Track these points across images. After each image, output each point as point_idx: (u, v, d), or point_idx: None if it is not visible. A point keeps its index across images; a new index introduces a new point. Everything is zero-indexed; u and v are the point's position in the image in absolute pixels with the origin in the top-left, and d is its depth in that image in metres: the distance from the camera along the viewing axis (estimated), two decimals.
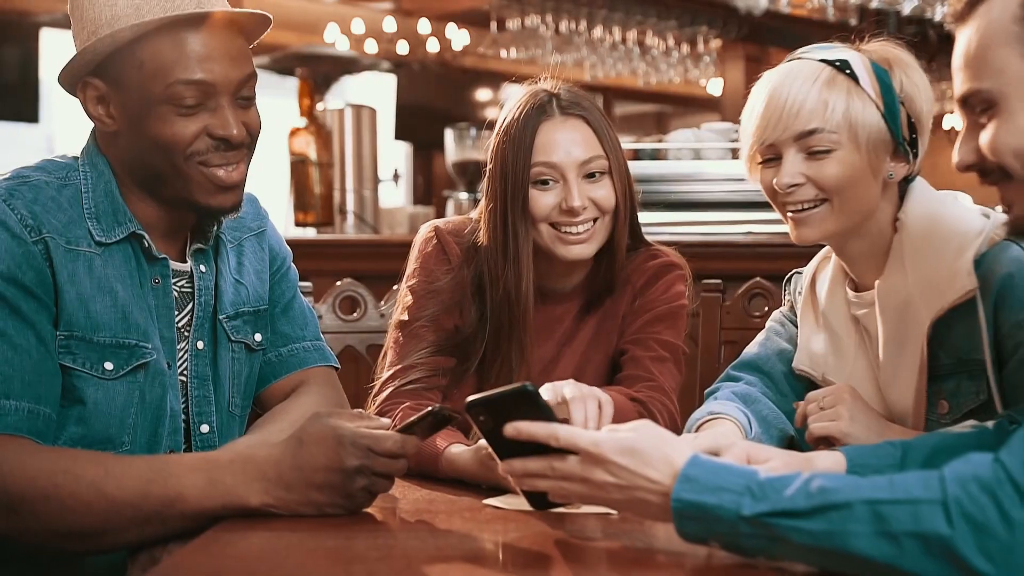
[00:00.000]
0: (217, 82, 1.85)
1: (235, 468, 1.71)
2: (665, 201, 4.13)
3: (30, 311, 1.77)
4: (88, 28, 1.85)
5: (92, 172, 1.91)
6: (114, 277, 1.87)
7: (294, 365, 2.14)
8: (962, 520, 1.23)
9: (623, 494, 1.47)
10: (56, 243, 1.82)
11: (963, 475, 1.26)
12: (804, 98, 1.87)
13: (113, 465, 1.72)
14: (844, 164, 1.88)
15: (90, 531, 1.70)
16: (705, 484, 1.38)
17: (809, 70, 1.90)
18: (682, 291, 2.33)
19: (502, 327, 2.24)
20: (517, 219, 2.20)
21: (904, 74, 1.92)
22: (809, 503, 1.31)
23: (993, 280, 1.80)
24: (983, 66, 1.45)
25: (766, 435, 2.01)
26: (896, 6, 6.09)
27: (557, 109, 2.22)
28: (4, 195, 1.81)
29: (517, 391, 1.55)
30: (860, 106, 1.88)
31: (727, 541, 1.38)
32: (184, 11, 1.82)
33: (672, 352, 2.28)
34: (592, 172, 2.21)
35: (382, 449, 1.70)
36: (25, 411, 1.74)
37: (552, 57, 8.29)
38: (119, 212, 1.90)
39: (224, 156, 1.88)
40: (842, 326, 2.04)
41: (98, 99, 1.89)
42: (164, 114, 1.84)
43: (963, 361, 1.86)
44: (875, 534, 1.26)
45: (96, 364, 1.84)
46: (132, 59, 1.83)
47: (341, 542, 1.59)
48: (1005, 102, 1.43)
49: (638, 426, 1.51)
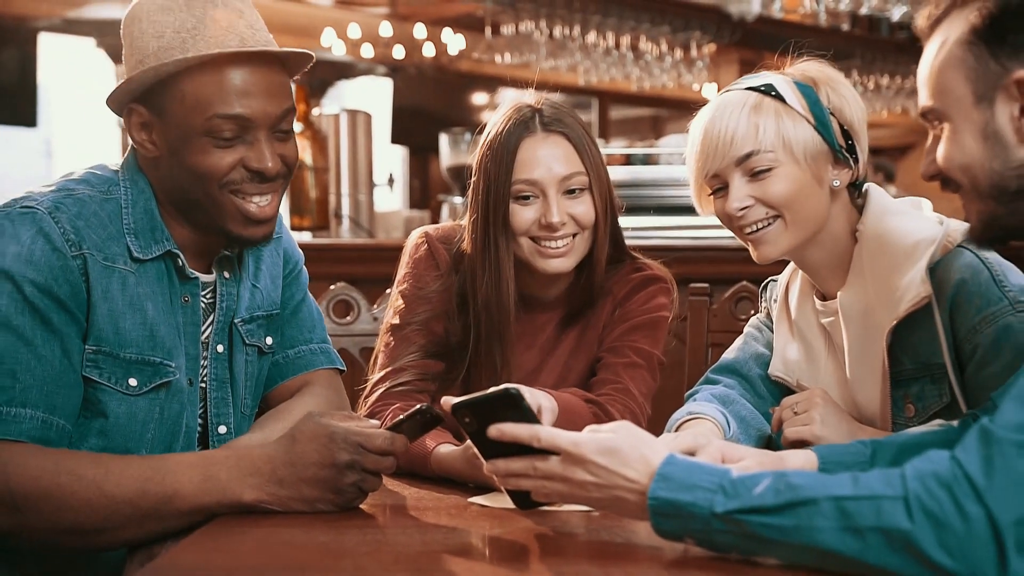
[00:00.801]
0: (255, 117, 1.88)
1: (230, 464, 1.77)
2: (656, 205, 4.17)
3: (60, 323, 1.82)
4: (136, 56, 1.89)
5: (133, 189, 1.94)
6: (145, 295, 1.91)
7: (300, 367, 2.18)
8: (922, 515, 1.29)
9: (602, 492, 1.53)
10: (94, 259, 1.85)
11: (922, 472, 1.32)
12: (736, 125, 1.95)
13: (112, 464, 1.77)
14: (787, 179, 1.94)
15: (90, 528, 1.75)
16: (680, 482, 1.44)
17: (737, 99, 1.97)
18: (664, 303, 2.36)
19: (485, 336, 2.29)
20: (498, 232, 2.25)
21: (830, 88, 1.99)
22: (777, 500, 1.37)
23: (947, 287, 1.87)
24: (934, 86, 1.55)
25: (744, 435, 2.08)
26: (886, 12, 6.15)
27: (539, 125, 2.25)
28: (51, 208, 1.85)
29: (501, 394, 1.61)
30: (790, 123, 1.94)
31: (701, 537, 1.44)
32: (228, 49, 1.86)
33: (646, 359, 2.31)
34: (572, 188, 2.24)
35: (373, 446, 1.76)
36: (39, 420, 1.78)
37: (546, 62, 8.33)
38: (157, 230, 1.94)
39: (258, 187, 1.92)
40: (813, 334, 2.10)
41: (142, 125, 1.92)
42: (202, 145, 1.87)
43: (925, 365, 1.93)
44: (840, 529, 1.33)
45: (121, 380, 1.88)
46: (175, 91, 1.87)
47: (331, 537, 1.64)
48: (950, 121, 1.53)
49: (617, 427, 1.57)
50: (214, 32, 1.86)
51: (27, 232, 1.82)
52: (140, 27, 1.89)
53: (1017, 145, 1.48)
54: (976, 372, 1.85)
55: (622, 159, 4.93)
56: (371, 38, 9.35)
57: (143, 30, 1.88)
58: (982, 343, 1.83)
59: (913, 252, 1.91)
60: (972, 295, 1.85)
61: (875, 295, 1.95)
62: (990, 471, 1.28)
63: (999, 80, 1.48)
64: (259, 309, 2.10)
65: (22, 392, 1.78)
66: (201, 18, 1.87)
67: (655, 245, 2.45)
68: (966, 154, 1.52)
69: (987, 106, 1.49)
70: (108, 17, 7.80)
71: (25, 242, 1.82)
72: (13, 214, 1.85)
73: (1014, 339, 1.79)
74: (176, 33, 1.86)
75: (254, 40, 1.90)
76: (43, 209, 1.84)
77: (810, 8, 7.83)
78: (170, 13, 1.87)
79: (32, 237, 1.82)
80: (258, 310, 2.10)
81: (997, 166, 1.50)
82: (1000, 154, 1.49)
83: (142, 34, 1.88)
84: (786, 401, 2.01)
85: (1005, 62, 1.47)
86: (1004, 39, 1.48)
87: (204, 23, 1.86)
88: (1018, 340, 1.78)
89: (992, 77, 1.48)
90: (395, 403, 2.23)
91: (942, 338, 1.86)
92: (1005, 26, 1.48)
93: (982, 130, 1.50)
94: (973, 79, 1.50)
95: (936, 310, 1.86)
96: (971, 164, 1.52)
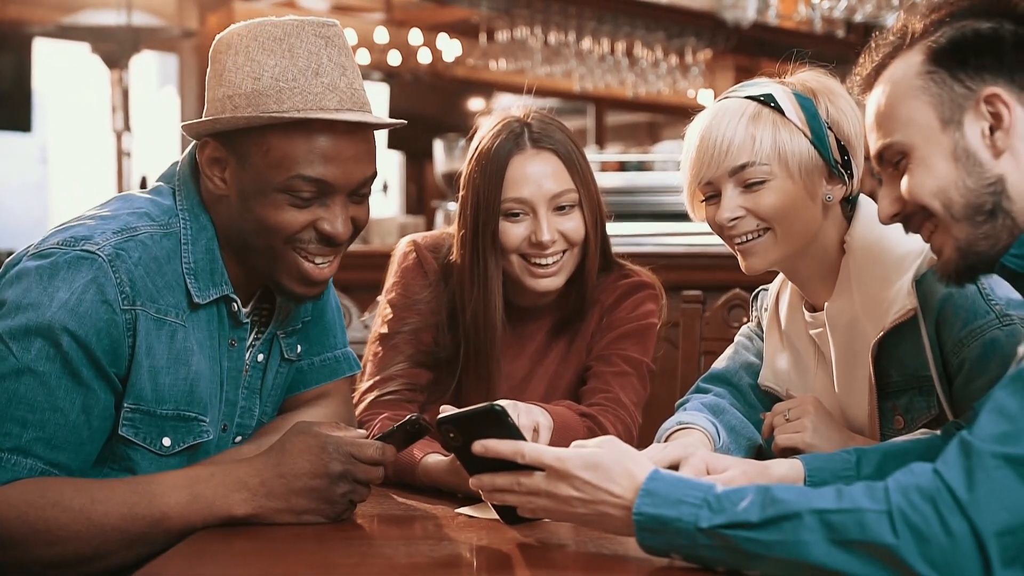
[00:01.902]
0: (337, 183, 1.81)
1: (216, 481, 1.75)
2: (649, 212, 4.18)
3: (88, 377, 1.74)
4: (225, 89, 1.81)
5: (194, 225, 1.88)
6: (194, 347, 1.86)
7: (325, 376, 2.13)
8: (906, 529, 1.29)
9: (587, 508, 1.53)
10: (146, 314, 1.79)
11: (905, 485, 1.32)
12: (732, 135, 1.93)
13: (97, 492, 1.73)
14: (780, 192, 1.94)
15: (79, 558, 1.72)
16: (665, 497, 1.45)
17: (735, 108, 1.96)
18: (652, 310, 2.35)
19: (474, 350, 2.29)
20: (487, 248, 2.24)
21: (829, 101, 1.97)
22: (762, 515, 1.37)
23: (934, 299, 1.87)
24: (892, 121, 1.58)
25: (735, 444, 2.07)
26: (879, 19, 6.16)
27: (529, 141, 2.24)
28: (111, 255, 1.77)
29: (485, 410, 1.60)
30: (787, 136, 1.93)
31: (687, 552, 1.44)
32: (325, 114, 1.78)
33: (636, 367, 2.31)
34: (562, 205, 2.24)
35: (364, 456, 1.76)
36: (39, 471, 1.73)
37: (541, 68, 8.33)
38: (216, 272, 1.88)
39: (324, 250, 1.86)
40: (802, 344, 2.10)
41: (215, 161, 1.85)
42: (277, 200, 1.81)
43: (914, 377, 1.92)
44: (824, 542, 1.33)
45: (155, 440, 1.84)
46: (260, 141, 1.79)
47: (318, 549, 1.63)
48: (916, 150, 1.56)
49: (602, 442, 1.58)
50: (314, 89, 1.79)
51: (81, 280, 1.74)
52: (236, 60, 1.81)
53: (991, 161, 1.51)
54: (964, 386, 1.85)
55: (616, 165, 4.93)
56: (367, 44, 9.35)
57: (238, 65, 1.81)
58: (969, 357, 1.83)
59: (900, 264, 1.91)
60: (959, 308, 1.85)
61: (861, 307, 1.95)
62: (972, 484, 1.29)
63: (966, 101, 1.52)
64: (298, 320, 2.06)
65: (28, 442, 1.72)
66: (304, 70, 1.79)
67: (648, 252, 2.44)
68: (938, 177, 1.54)
69: (955, 128, 1.52)
70: (103, 23, 7.77)
71: (76, 290, 1.73)
72: (71, 256, 1.76)
73: (1001, 353, 1.79)
74: (274, 80, 1.78)
75: (352, 102, 1.82)
76: (104, 256, 1.76)
77: (805, 15, 7.84)
78: (272, 56, 1.79)
79: (84, 286, 1.74)
80: (298, 322, 2.06)
81: (971, 183, 1.52)
82: (974, 171, 1.52)
83: (237, 69, 1.81)
84: (778, 407, 2.01)
85: (969, 84, 1.51)
86: (966, 62, 1.52)
87: (306, 76, 1.79)
88: (1005, 354, 1.78)
89: (958, 99, 1.52)
90: (384, 412, 2.24)
91: (928, 352, 1.87)
92: (966, 49, 1.52)
93: (952, 152, 1.53)
94: (937, 104, 1.53)
95: (922, 323, 1.86)
96: (944, 186, 1.53)
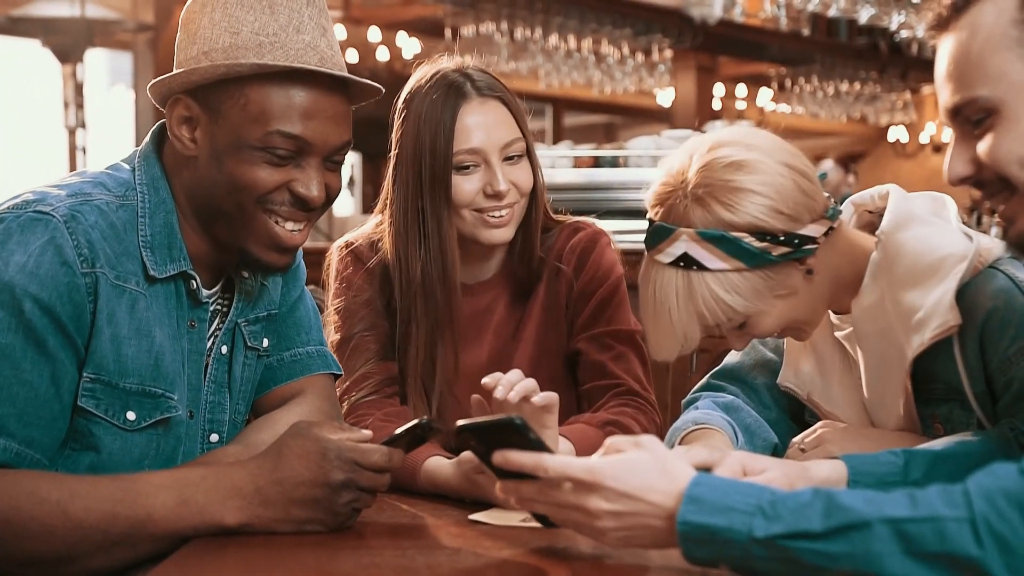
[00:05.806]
0: (315, 142, 1.77)
1: (207, 485, 1.63)
2: (625, 208, 4.10)
3: (55, 347, 1.66)
4: (200, 45, 1.76)
5: (152, 197, 1.81)
6: (153, 319, 1.77)
7: (296, 372, 2.04)
8: (991, 539, 1.17)
9: (620, 521, 1.39)
10: (105, 278, 1.71)
11: (989, 489, 1.20)
12: (682, 326, 1.78)
13: (77, 486, 1.61)
14: (763, 316, 1.80)
15: (54, 558, 1.59)
16: (713, 505, 1.32)
17: (666, 292, 1.78)
18: (613, 258, 2.29)
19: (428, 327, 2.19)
20: (439, 206, 2.15)
21: (729, 206, 1.74)
22: (826, 523, 1.24)
23: (977, 314, 1.72)
24: (979, 73, 1.41)
25: (750, 445, 1.95)
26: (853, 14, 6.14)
27: (474, 91, 2.16)
28: (67, 217, 1.69)
29: (504, 423, 1.48)
30: (724, 292, 1.75)
31: (739, 564, 1.31)
32: (306, 65, 1.74)
33: (629, 341, 2.23)
34: (512, 155, 2.17)
35: (369, 463, 1.64)
36: (12, 452, 1.63)
37: (507, 65, 8.28)
38: (174, 247, 1.80)
39: (296, 213, 1.80)
40: (827, 347, 1.97)
41: (186, 120, 1.79)
42: (252, 158, 1.75)
43: (955, 389, 1.77)
44: (900, 555, 1.21)
45: (119, 413, 1.74)
46: (237, 94, 1.74)
47: (323, 560, 1.52)
48: (1006, 109, 1.39)
49: (637, 440, 1.44)
50: (295, 44, 1.75)
51: (37, 241, 1.66)
52: (211, 16, 1.75)
53: None
54: (1010, 407, 1.69)
55: (590, 162, 4.85)
56: None
57: (215, 20, 1.75)
58: (1018, 376, 1.68)
59: (938, 269, 1.75)
60: (1006, 324, 1.69)
61: (894, 312, 1.79)
62: None
63: None
64: (263, 308, 1.97)
65: (2, 419, 1.62)
66: (284, 26, 1.75)
67: (625, 249, 2.34)
68: None
69: None
70: (54, 15, 7.58)
71: (33, 252, 1.65)
72: (24, 218, 1.68)
73: None
74: (254, 34, 1.74)
75: (332, 62, 1.78)
76: (59, 216, 1.68)
77: (771, 12, 7.85)
78: (251, 12, 1.75)
79: (42, 247, 1.66)
80: (262, 310, 1.97)
81: None
82: None
83: (213, 24, 1.75)
84: (793, 442, 1.91)
85: None
86: None
87: (287, 32, 1.75)
88: None
89: None
90: (369, 411, 2.13)
91: (963, 374, 1.72)
92: None
93: None
94: None
95: (956, 343, 1.72)
96: None
